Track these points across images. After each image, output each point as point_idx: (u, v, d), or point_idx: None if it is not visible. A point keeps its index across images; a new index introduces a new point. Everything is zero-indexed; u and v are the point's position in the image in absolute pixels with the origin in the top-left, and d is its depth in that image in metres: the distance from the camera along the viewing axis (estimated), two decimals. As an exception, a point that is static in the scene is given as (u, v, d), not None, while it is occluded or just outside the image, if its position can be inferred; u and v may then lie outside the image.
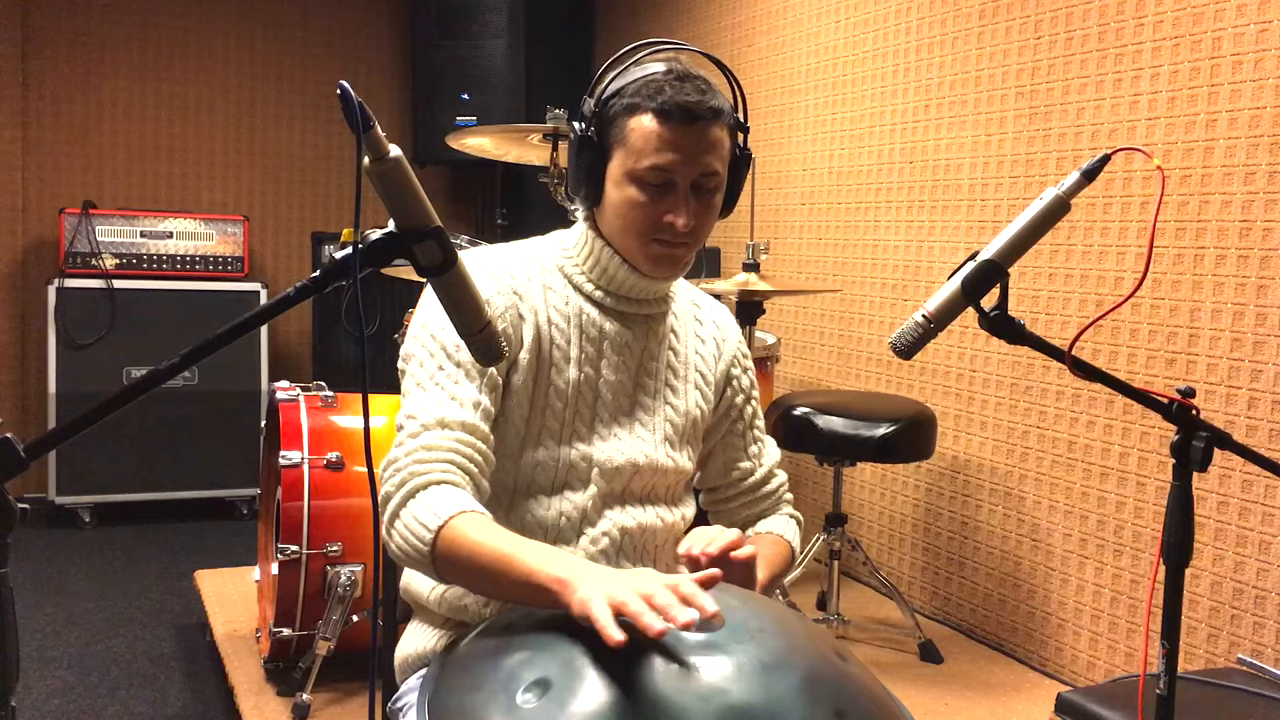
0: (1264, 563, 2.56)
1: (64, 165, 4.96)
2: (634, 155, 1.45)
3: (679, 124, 1.43)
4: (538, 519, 1.48)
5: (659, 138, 1.44)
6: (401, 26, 5.56)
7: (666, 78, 1.45)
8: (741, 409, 1.68)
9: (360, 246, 1.08)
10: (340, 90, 1.01)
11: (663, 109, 1.43)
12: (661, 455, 1.55)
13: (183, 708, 2.90)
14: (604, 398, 1.53)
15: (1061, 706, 1.94)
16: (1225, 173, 2.64)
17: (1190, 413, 1.31)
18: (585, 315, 1.53)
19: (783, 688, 1.05)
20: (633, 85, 1.46)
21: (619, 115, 1.47)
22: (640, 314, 1.58)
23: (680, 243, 1.49)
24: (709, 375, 1.64)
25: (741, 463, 1.69)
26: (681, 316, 1.64)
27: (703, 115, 1.44)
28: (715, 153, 1.47)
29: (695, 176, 1.46)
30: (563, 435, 1.50)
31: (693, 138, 1.44)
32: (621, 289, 1.55)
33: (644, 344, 1.57)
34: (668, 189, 1.46)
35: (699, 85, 1.45)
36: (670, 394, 1.59)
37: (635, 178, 1.46)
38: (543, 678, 1.07)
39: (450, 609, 1.48)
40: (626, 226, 1.49)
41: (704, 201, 1.49)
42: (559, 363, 1.50)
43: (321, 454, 2.80)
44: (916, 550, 3.65)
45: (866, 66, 3.81)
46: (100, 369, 4.43)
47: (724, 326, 1.70)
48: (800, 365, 4.19)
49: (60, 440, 1.00)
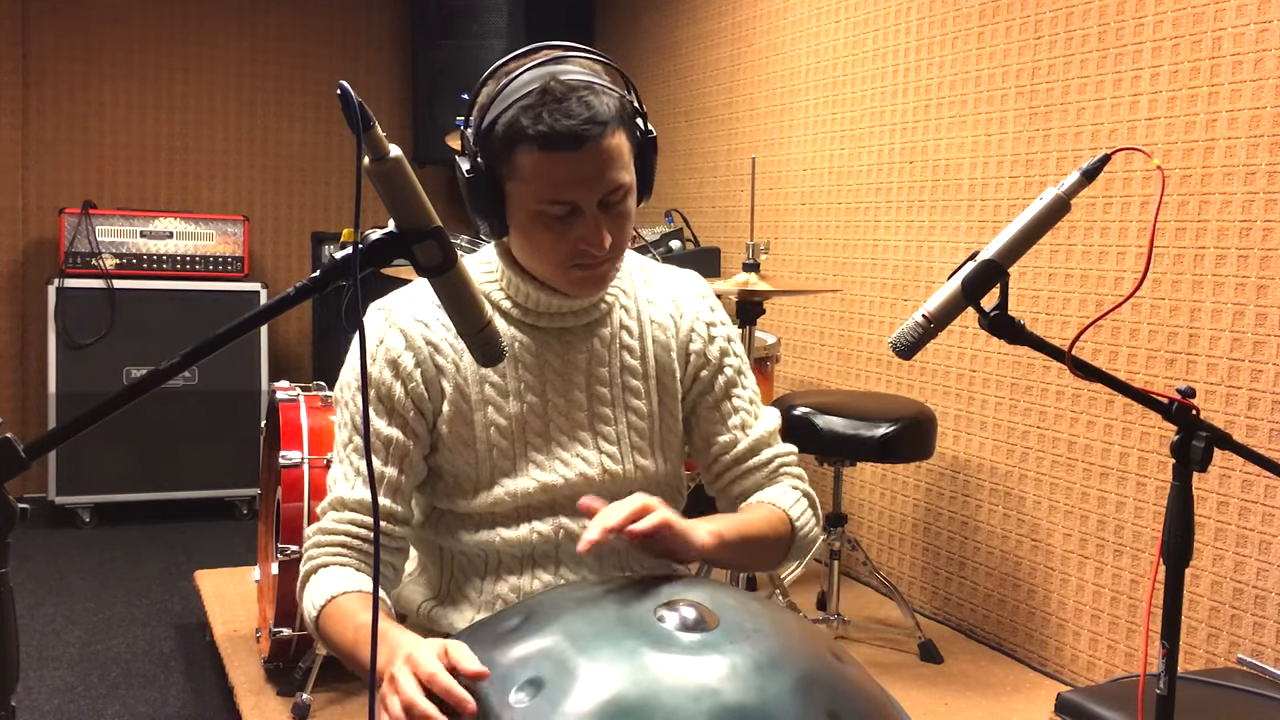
0: (1264, 563, 2.56)
1: (64, 165, 4.96)
2: (530, 191, 1.35)
3: (569, 152, 1.32)
4: (507, 541, 1.46)
5: (551, 172, 1.33)
6: (401, 26, 5.56)
7: (543, 101, 1.32)
8: (711, 381, 1.56)
9: (360, 246, 1.08)
10: (340, 90, 1.01)
11: (546, 139, 1.31)
12: (629, 465, 1.49)
13: (183, 708, 2.90)
14: (555, 422, 1.47)
15: (1061, 706, 1.94)
16: (1225, 173, 2.64)
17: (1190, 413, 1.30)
18: (518, 343, 1.47)
19: (776, 688, 1.05)
20: (509, 113, 1.34)
21: (502, 148, 1.35)
22: (578, 325, 1.50)
23: (604, 260, 1.41)
24: (668, 360, 1.54)
25: (720, 437, 1.56)
26: (633, 307, 1.54)
27: (590, 135, 1.32)
28: (616, 164, 1.36)
29: (600, 197, 1.36)
30: (516, 469, 1.45)
31: (587, 160, 1.33)
32: (549, 309, 1.48)
33: (589, 354, 1.50)
34: (574, 216, 1.36)
35: (580, 98, 1.32)
36: (630, 397, 1.51)
37: (537, 215, 1.37)
38: (536, 677, 1.07)
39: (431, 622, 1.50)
40: (542, 260, 1.42)
41: (616, 214, 1.39)
42: (495, 400, 1.45)
43: (321, 454, 2.80)
44: (916, 550, 3.65)
45: (866, 66, 3.81)
46: (100, 369, 4.43)
47: (681, 299, 1.57)
48: (800, 365, 4.19)
49: (60, 440, 1.00)
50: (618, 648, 1.08)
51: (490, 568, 1.48)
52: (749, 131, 4.46)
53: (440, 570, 1.53)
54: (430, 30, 5.15)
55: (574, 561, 1.48)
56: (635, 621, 1.12)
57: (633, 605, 1.16)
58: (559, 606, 1.18)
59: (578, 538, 1.45)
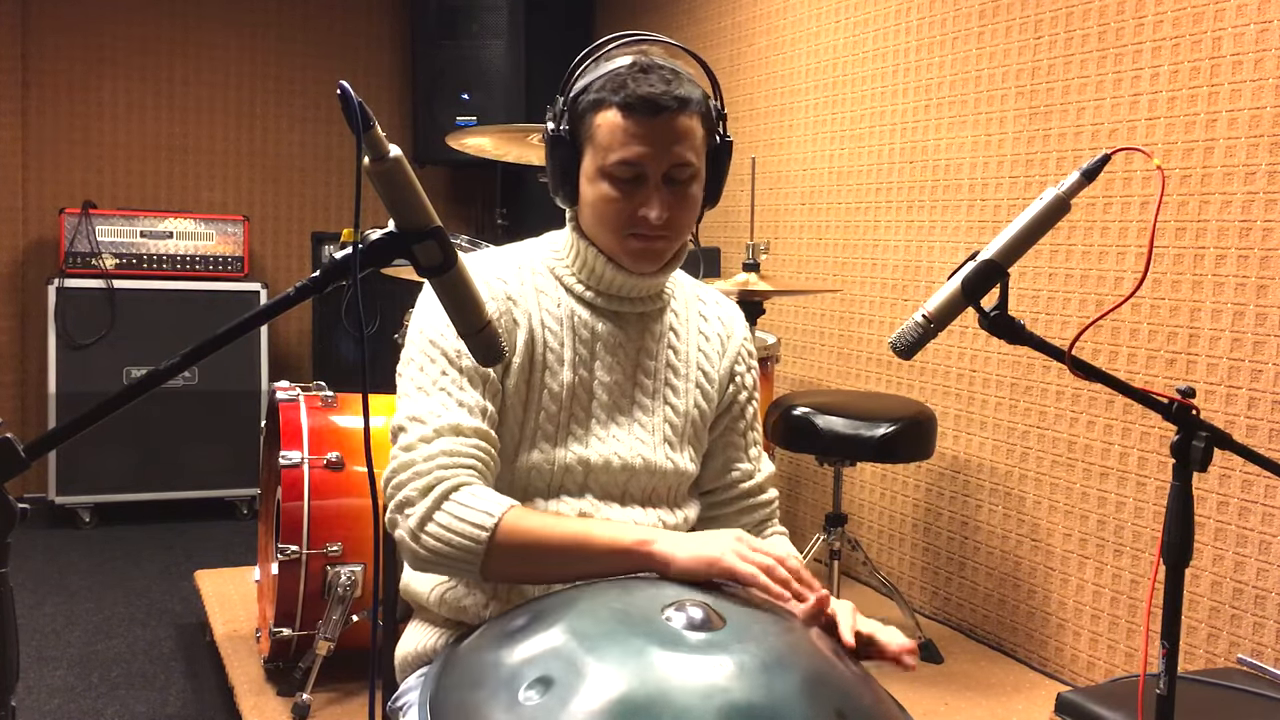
0: (1264, 563, 2.56)
1: (64, 165, 4.96)
2: (602, 151, 1.44)
3: (644, 116, 1.42)
4: None
5: (625, 131, 1.42)
6: (401, 26, 5.56)
7: (630, 70, 1.43)
8: (744, 407, 1.65)
9: (360, 246, 1.08)
10: (340, 90, 1.01)
11: (626, 102, 1.41)
12: (660, 456, 1.53)
13: (183, 708, 2.90)
14: (599, 399, 1.52)
15: (1061, 706, 1.94)
16: (1225, 173, 2.64)
17: (1190, 413, 1.31)
18: (577, 317, 1.52)
19: (784, 687, 1.05)
20: (598, 81, 1.45)
21: (586, 112, 1.46)
22: (634, 312, 1.56)
23: (658, 235, 1.47)
24: (712, 372, 1.61)
25: (741, 464, 1.65)
26: (683, 313, 1.62)
27: (668, 105, 1.42)
28: (686, 142, 1.44)
29: (666, 168, 1.44)
30: (557, 438, 1.49)
31: (660, 129, 1.42)
32: (610, 288, 1.53)
33: (640, 343, 1.56)
34: (639, 183, 1.44)
35: (664, 75, 1.43)
36: (670, 393, 1.57)
37: (606, 174, 1.45)
38: (545, 675, 1.07)
39: (451, 609, 1.48)
40: (602, 223, 1.48)
41: (679, 193, 1.46)
42: (553, 365, 1.50)
43: (321, 454, 2.80)
44: (916, 550, 3.65)
45: (866, 66, 3.81)
46: (100, 369, 4.43)
47: (730, 323, 1.66)
48: (800, 365, 4.19)
49: (60, 440, 1.00)
50: (625, 647, 1.08)
51: None
52: (749, 131, 4.46)
53: None
54: (430, 30, 5.16)
55: None
56: (643, 621, 1.12)
57: (640, 605, 1.16)
58: (567, 606, 1.18)
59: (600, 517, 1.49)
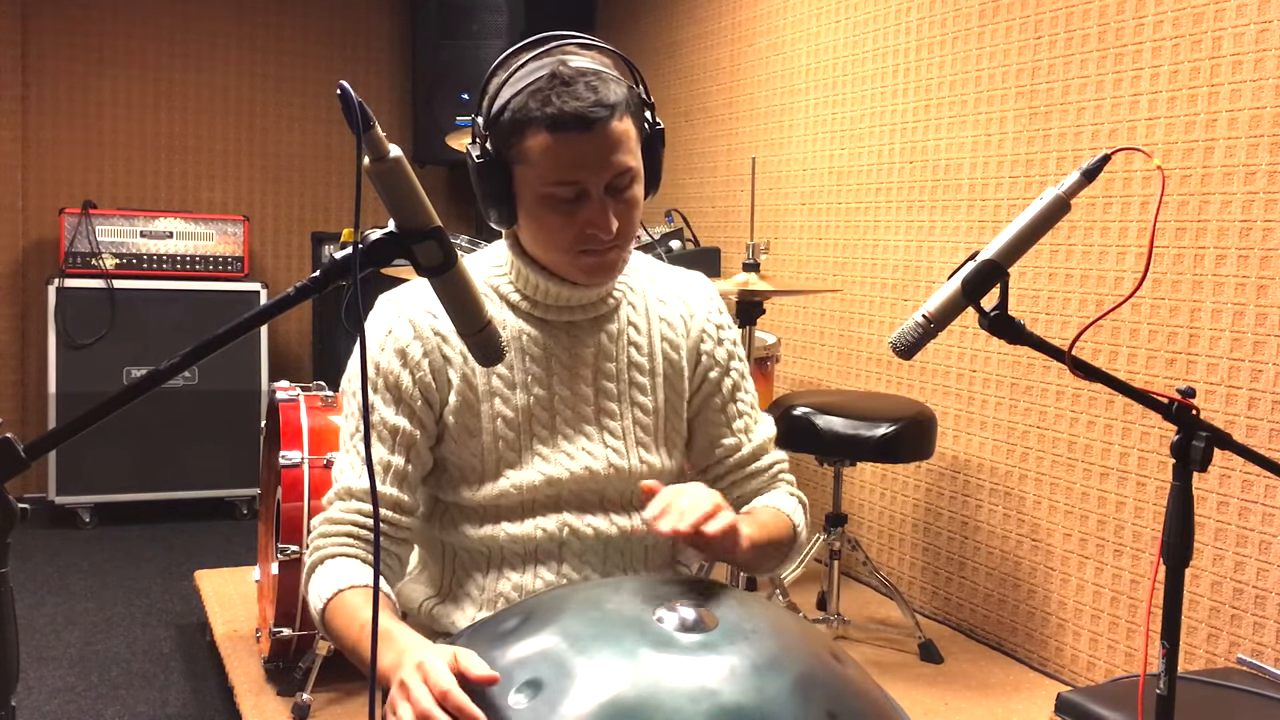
0: (1264, 563, 2.56)
1: (64, 165, 4.96)
2: (538, 174, 1.37)
3: (576, 133, 1.34)
4: (511, 536, 1.46)
5: (557, 153, 1.35)
6: (401, 26, 5.56)
7: (552, 85, 1.35)
8: (719, 383, 1.58)
9: (360, 246, 1.08)
10: (340, 90, 1.01)
11: (555, 122, 1.34)
12: (634, 460, 1.50)
13: (183, 708, 2.90)
14: (562, 414, 1.48)
15: (1061, 706, 1.94)
16: (1225, 173, 2.64)
17: (1190, 413, 1.30)
18: (525, 335, 1.48)
19: (775, 689, 1.05)
20: (518, 98, 1.36)
21: (510, 134, 1.37)
22: (586, 319, 1.51)
23: (610, 247, 1.42)
24: (679, 360, 1.55)
25: (725, 439, 1.58)
26: (640, 304, 1.55)
27: (599, 116, 1.34)
28: (622, 148, 1.38)
29: (608, 179, 1.38)
30: (521, 461, 1.46)
31: (594, 143, 1.35)
32: (559, 300, 1.48)
33: (596, 348, 1.51)
34: (581, 200, 1.38)
35: (588, 83, 1.35)
36: (637, 393, 1.52)
37: (545, 198, 1.38)
38: (534, 678, 1.07)
39: (432, 620, 1.50)
40: (550, 245, 1.43)
41: (623, 200, 1.41)
42: (502, 392, 1.46)
43: (321, 454, 2.80)
44: (916, 550, 3.65)
45: (866, 66, 3.81)
46: (100, 369, 4.43)
47: (691, 300, 1.59)
48: (800, 365, 4.19)
49: (60, 440, 1.00)
50: (617, 648, 1.08)
51: (493, 564, 1.48)
52: (749, 131, 4.46)
53: (442, 567, 1.53)
54: (430, 30, 5.16)
55: (577, 559, 1.48)
56: (634, 622, 1.12)
57: (632, 606, 1.16)
58: (558, 607, 1.18)
59: (581, 534, 1.47)
